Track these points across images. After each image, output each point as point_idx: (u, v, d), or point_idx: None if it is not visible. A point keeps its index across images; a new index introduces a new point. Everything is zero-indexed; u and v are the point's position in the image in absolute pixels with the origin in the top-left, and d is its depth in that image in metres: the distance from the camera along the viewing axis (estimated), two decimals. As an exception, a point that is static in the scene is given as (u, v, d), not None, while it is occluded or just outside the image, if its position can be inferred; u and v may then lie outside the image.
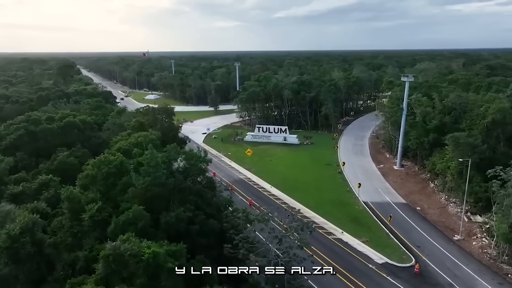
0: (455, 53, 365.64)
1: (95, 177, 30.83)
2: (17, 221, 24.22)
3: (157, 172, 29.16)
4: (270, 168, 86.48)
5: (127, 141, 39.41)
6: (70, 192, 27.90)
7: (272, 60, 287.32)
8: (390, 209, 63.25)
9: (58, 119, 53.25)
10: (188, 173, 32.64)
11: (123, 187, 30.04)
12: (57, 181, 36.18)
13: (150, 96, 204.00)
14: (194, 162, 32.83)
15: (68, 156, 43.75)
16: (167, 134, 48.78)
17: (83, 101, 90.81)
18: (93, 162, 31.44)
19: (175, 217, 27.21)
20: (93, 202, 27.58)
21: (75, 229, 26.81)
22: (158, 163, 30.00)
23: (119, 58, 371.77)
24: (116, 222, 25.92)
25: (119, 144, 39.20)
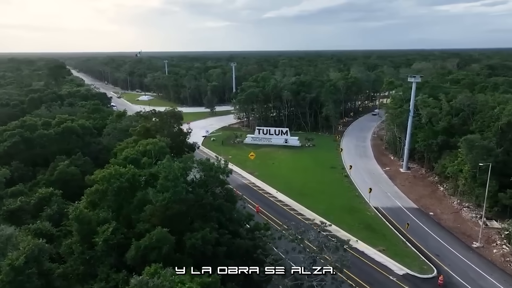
0: (446, 53, 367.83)
1: (105, 193, 27.71)
2: (21, 249, 21.04)
3: (177, 187, 26.22)
4: (273, 171, 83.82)
5: (134, 149, 36.28)
6: (80, 211, 24.72)
7: (266, 60, 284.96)
8: (403, 215, 61.20)
9: (56, 124, 49.66)
10: (207, 185, 29.81)
11: (138, 203, 26.97)
12: (59, 195, 32.90)
13: (144, 97, 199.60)
14: (214, 173, 29.99)
15: (69, 165, 40.38)
16: (175, 140, 45.73)
17: (77, 103, 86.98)
18: (102, 176, 28.31)
19: (202, 238, 24.30)
20: (106, 223, 24.48)
21: (87, 255, 23.63)
22: (177, 176, 27.05)
23: (109, 59, 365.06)
24: (136, 247, 22.89)
25: (125, 152, 36.05)
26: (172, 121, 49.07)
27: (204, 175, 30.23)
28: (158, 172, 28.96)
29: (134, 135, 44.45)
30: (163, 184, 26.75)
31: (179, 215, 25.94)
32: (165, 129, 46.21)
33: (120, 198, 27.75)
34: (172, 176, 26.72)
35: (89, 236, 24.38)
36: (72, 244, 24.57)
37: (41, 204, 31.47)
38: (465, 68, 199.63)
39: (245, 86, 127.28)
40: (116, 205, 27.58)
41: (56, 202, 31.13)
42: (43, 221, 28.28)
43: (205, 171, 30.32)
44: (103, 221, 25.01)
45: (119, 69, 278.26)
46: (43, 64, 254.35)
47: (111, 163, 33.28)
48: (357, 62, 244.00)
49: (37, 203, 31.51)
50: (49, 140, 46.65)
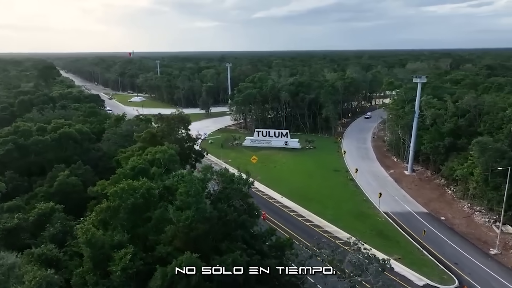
0: (436, 53, 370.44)
1: (117, 210, 24.85)
2: (26, 283, 18.08)
3: (200, 203, 23.54)
4: (276, 175, 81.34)
5: (141, 158, 33.43)
6: (92, 234, 21.78)
7: (259, 61, 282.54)
8: (414, 220, 59.39)
9: (52, 130, 46.29)
10: (229, 199, 27.20)
11: (156, 223, 24.18)
12: (61, 210, 29.82)
13: (136, 99, 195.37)
14: (236, 185, 27.38)
15: (69, 176, 37.24)
16: (182, 146, 42.88)
17: (70, 105, 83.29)
18: (113, 191, 25.40)
19: (232, 263, 21.66)
20: (122, 247, 21.59)
21: (103, 286, 20.73)
22: (199, 190, 24.36)
23: (99, 59, 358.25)
24: (162, 275, 20.04)
25: (132, 161, 33.16)
26: (179, 126, 46.06)
27: (224, 187, 27.58)
28: (173, 184, 26.22)
29: (139, 141, 41.49)
30: (184, 200, 24.03)
31: (204, 236, 23.29)
32: (172, 134, 43.24)
33: (135, 216, 24.91)
34: (194, 191, 24.01)
35: (103, 263, 21.53)
36: (85, 273, 21.63)
37: (41, 221, 28.35)
38: (459, 68, 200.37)
39: (242, 87, 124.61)
40: (130, 224, 24.74)
41: (59, 219, 28.11)
42: (46, 243, 25.22)
43: (225, 183, 27.72)
44: (118, 245, 22.16)
45: (109, 70, 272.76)
46: (31, 64, 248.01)
47: (118, 174, 30.36)
48: (351, 63, 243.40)
49: (36, 220, 28.40)
50: (45, 147, 43.34)
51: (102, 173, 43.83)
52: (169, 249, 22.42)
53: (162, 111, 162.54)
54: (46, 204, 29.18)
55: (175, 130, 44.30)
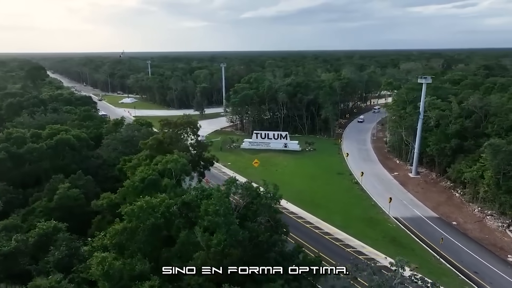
0: (424, 53, 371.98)
1: (135, 232, 22.00)
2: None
3: (231, 224, 20.88)
4: (278, 179, 77.16)
5: (150, 168, 30.55)
6: (109, 265, 18.83)
7: (251, 61, 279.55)
8: (425, 225, 57.55)
9: (47, 136, 42.87)
10: (256, 216, 24.61)
11: (180, 247, 21.39)
12: (64, 229, 26.71)
13: (127, 100, 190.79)
14: (264, 201, 24.79)
15: (69, 188, 34.04)
16: (190, 153, 39.96)
17: (62, 108, 79.40)
18: (130, 210, 22.52)
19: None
20: (145, 279, 18.71)
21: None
22: (229, 209, 21.68)
23: (87, 59, 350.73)
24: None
25: (140, 172, 30.26)
26: (188, 131, 43.10)
27: (250, 202, 24.95)
28: (193, 200, 23.45)
29: (145, 148, 38.49)
30: (212, 220, 21.31)
31: (238, 261, 20.60)
32: (181, 141, 40.27)
33: (155, 238, 22.11)
34: (223, 209, 21.32)
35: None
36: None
37: (43, 243, 25.24)
38: (452, 68, 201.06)
39: (238, 87, 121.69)
40: (149, 247, 21.93)
41: (63, 240, 25.04)
42: (50, 269, 22.18)
43: (252, 197, 25.10)
44: (140, 275, 19.32)
45: (98, 70, 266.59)
46: (17, 65, 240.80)
47: (127, 186, 27.43)
48: (344, 63, 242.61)
49: (37, 241, 25.27)
50: (41, 155, 39.96)
51: (103, 182, 40.74)
52: (200, 280, 19.68)
53: (154, 112, 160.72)
54: (48, 223, 26.03)
55: (183, 136, 41.30)
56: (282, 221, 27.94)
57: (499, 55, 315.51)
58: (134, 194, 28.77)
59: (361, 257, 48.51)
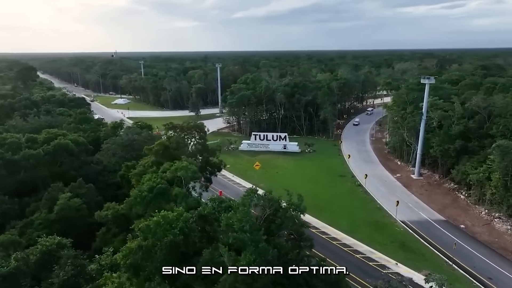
0: (416, 53, 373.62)
1: (151, 251, 20.05)
2: None
3: (259, 241, 19.01)
4: (280, 182, 76.80)
5: (158, 175, 28.57)
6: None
7: (245, 61, 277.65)
8: (433, 229, 56.37)
9: (44, 141, 40.51)
10: (279, 230, 22.84)
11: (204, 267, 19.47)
12: (69, 245, 24.56)
13: (120, 101, 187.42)
14: (289, 213, 23.01)
15: (71, 197, 31.82)
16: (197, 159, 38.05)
17: (55, 110, 76.73)
18: (145, 227, 20.50)
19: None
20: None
21: None
22: (255, 225, 19.83)
23: (77, 59, 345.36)
24: None
25: (147, 179, 28.26)
26: (195, 136, 41.05)
27: (272, 214, 23.14)
28: (210, 213, 21.58)
29: (149, 154, 36.40)
30: (238, 237, 19.46)
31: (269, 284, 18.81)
32: (188, 145, 38.22)
33: (173, 257, 20.17)
34: (250, 225, 19.49)
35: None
36: None
37: (45, 261, 23.08)
38: (446, 68, 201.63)
39: (235, 88, 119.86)
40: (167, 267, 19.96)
41: (68, 257, 22.90)
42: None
43: (274, 208, 23.30)
44: (161, 302, 17.47)
45: (89, 71, 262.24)
46: (5, 65, 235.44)
47: (134, 196, 25.43)
48: (338, 63, 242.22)
49: (39, 260, 23.09)
50: (38, 162, 37.62)
51: (103, 189, 38.60)
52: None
53: (149, 113, 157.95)
54: (51, 239, 23.78)
55: (190, 141, 39.26)
56: (306, 234, 26.23)
57: (489, 55, 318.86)
58: (142, 204, 26.79)
59: (371, 263, 47.19)
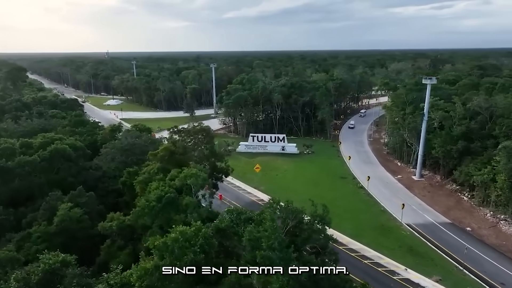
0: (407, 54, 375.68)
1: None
2: None
3: (290, 260, 17.36)
4: (280, 185, 75.68)
5: (165, 183, 26.75)
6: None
7: (238, 61, 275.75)
8: (439, 232, 55.39)
9: (40, 146, 38.24)
10: (304, 244, 21.23)
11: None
12: (74, 262, 22.51)
13: (112, 101, 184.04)
14: (315, 226, 21.41)
15: (71, 207, 29.74)
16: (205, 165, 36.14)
17: (47, 112, 74.12)
18: (162, 245, 18.63)
19: None
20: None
21: None
22: (284, 241, 18.17)
23: (67, 59, 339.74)
24: None
25: (155, 188, 26.42)
26: (202, 140, 39.08)
27: (294, 227, 21.55)
28: (229, 227, 19.88)
29: (154, 160, 34.46)
30: (266, 256, 17.79)
31: None
32: (195, 150, 36.23)
33: (194, 279, 18.43)
34: (278, 243, 17.82)
35: None
36: None
37: (48, 280, 21.03)
38: (439, 69, 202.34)
39: (231, 89, 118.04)
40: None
41: (73, 276, 20.89)
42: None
43: (296, 220, 21.69)
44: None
45: (80, 71, 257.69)
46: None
47: (142, 207, 23.63)
48: (332, 63, 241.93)
49: (42, 279, 21.01)
50: (33, 169, 35.43)
51: (103, 196, 36.61)
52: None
53: (142, 114, 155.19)
54: (55, 256, 21.62)
55: (198, 146, 37.25)
56: (330, 248, 24.67)
57: (479, 55, 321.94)
58: (150, 215, 24.95)
59: (380, 269, 45.90)
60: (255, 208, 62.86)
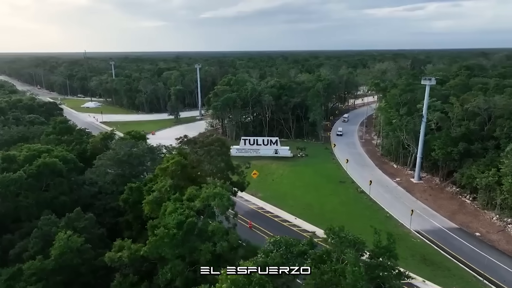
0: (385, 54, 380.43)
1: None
2: None
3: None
4: (278, 190, 72.66)
5: (184, 205, 22.88)
6: None
7: (219, 61, 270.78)
8: (449, 238, 53.69)
9: (25, 160, 33.23)
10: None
11: None
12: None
13: (90, 104, 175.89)
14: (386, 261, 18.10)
15: (69, 235, 25.19)
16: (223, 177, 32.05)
17: (24, 117, 68.08)
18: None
19: None
20: None
21: None
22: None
23: (39, 60, 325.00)
24: None
25: (171, 211, 22.49)
26: (218, 150, 34.99)
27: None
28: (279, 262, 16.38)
29: (163, 175, 30.22)
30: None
31: None
32: (212, 163, 31.97)
33: None
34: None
35: None
36: None
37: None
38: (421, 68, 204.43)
39: (219, 90, 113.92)
40: None
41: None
42: None
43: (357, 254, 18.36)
44: None
45: (54, 72, 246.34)
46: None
47: (161, 236, 19.76)
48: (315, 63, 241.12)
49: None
50: (20, 188, 30.55)
51: (99, 215, 32.22)
52: None
53: (124, 117, 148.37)
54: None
55: (215, 159, 33.19)
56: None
57: (453, 56, 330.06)
58: (171, 246, 21.06)
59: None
60: (257, 218, 59.75)
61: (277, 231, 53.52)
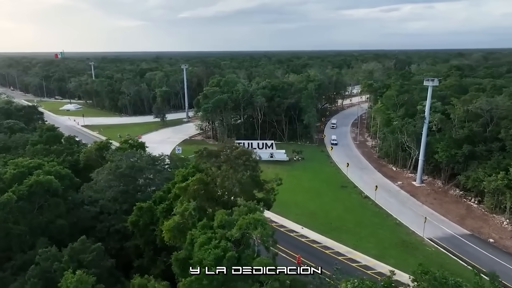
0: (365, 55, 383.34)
1: None
2: None
3: None
4: (278, 197, 68.10)
5: (218, 235, 19.06)
6: None
7: (202, 61, 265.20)
8: (464, 246, 51.77)
9: (12, 179, 28.24)
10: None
11: None
12: None
13: (70, 106, 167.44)
14: None
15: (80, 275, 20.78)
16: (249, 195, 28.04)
17: (2, 124, 62.17)
18: None
19: None
20: None
21: None
22: None
23: (11, 60, 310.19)
24: None
25: (203, 243, 18.68)
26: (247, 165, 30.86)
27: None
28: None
29: (183, 195, 25.95)
30: None
31: None
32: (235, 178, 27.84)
33: None
34: None
35: None
36: None
37: None
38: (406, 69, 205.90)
39: (208, 92, 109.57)
40: None
41: None
42: None
43: None
44: None
45: (28, 72, 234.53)
46: None
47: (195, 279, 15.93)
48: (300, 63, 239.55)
49: None
50: (9, 213, 25.77)
51: (101, 240, 27.84)
52: None
53: (107, 120, 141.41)
54: None
55: (242, 174, 29.07)
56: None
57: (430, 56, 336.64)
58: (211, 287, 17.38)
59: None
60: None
61: (287, 243, 50.29)
